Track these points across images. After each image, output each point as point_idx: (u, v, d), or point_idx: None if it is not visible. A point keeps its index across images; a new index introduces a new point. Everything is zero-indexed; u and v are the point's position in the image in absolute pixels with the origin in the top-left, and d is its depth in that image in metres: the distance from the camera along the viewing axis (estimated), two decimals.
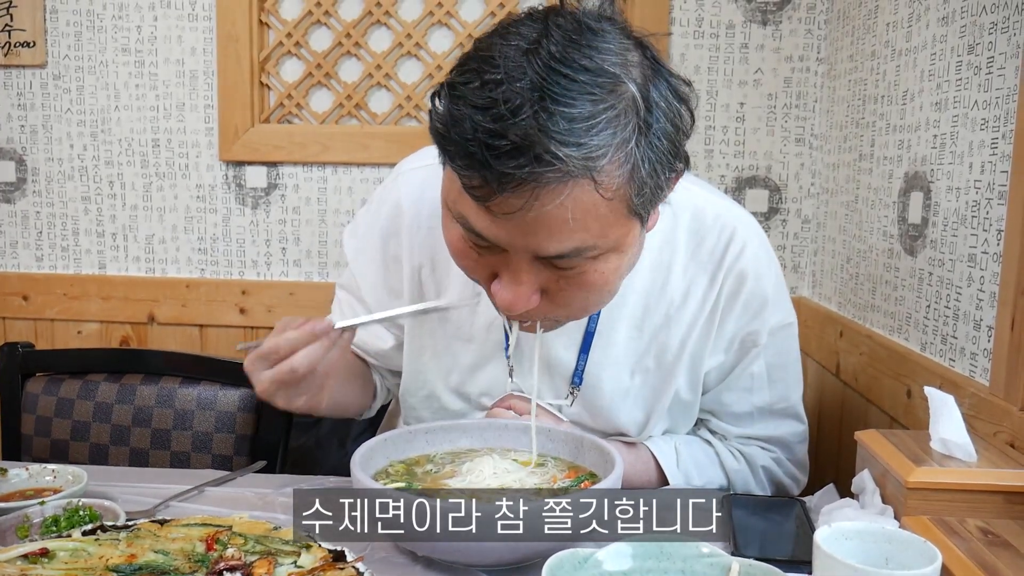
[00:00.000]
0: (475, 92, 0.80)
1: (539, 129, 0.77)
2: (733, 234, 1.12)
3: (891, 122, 1.41)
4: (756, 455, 1.21)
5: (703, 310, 1.13)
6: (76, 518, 0.96)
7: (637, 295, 1.12)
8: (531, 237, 0.84)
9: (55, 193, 2.08)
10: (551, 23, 0.82)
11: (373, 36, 1.96)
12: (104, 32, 2.00)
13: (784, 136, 1.88)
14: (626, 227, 0.88)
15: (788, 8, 1.84)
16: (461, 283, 1.11)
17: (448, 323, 1.19)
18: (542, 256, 0.86)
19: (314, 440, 1.65)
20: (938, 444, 0.96)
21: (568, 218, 0.82)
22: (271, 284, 2.03)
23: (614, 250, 0.89)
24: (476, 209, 0.84)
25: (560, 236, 0.84)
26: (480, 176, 0.80)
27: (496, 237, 0.86)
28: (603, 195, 0.82)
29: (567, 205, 0.81)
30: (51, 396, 1.58)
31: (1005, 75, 1.05)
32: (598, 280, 0.90)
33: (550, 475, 1.02)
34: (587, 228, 0.84)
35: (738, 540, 0.97)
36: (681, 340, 1.13)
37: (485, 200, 0.82)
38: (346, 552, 0.86)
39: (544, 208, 0.81)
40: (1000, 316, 1.04)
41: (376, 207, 1.24)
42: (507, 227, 0.84)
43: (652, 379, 1.15)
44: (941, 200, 1.22)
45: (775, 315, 1.15)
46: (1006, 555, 0.81)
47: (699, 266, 1.12)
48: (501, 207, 0.81)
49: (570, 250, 0.85)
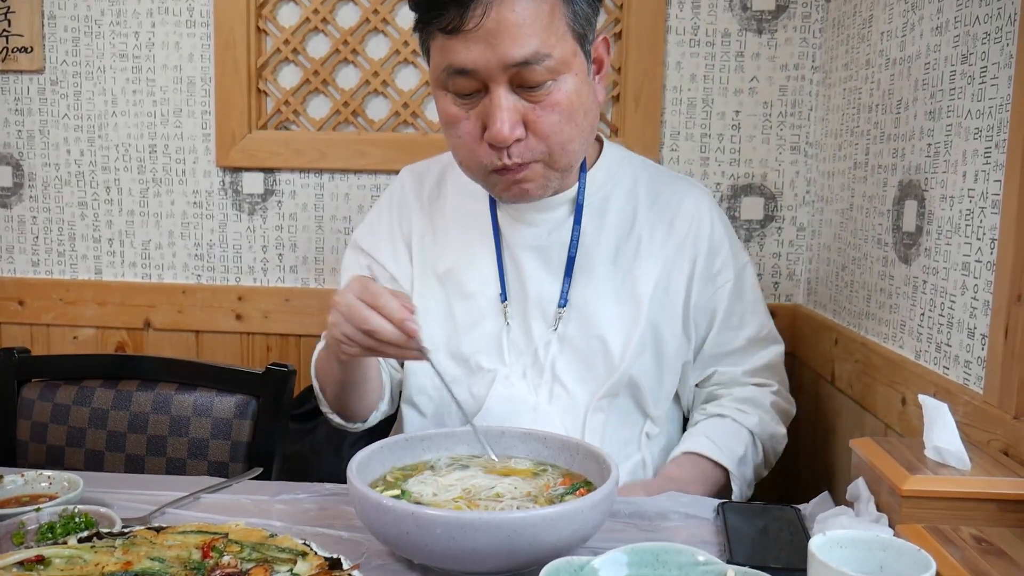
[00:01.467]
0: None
1: None
2: (686, 191, 1.37)
3: (885, 131, 1.42)
4: (760, 397, 1.39)
5: (666, 247, 1.33)
6: (72, 525, 0.96)
7: (609, 234, 1.32)
8: (498, 47, 1.08)
9: (52, 198, 2.08)
10: None
11: (371, 43, 1.96)
12: (102, 38, 2.01)
13: (779, 144, 1.89)
14: (571, 46, 1.13)
15: (783, 17, 1.85)
16: (457, 246, 1.35)
17: (448, 284, 1.34)
18: (509, 63, 1.08)
19: (310, 447, 1.65)
20: (932, 452, 0.96)
21: (521, 22, 1.07)
22: (267, 290, 2.03)
23: (567, 69, 1.12)
24: (453, 45, 1.10)
25: (519, 39, 1.08)
26: (447, 11, 1.07)
27: (474, 60, 1.09)
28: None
29: (518, 10, 1.07)
30: (47, 402, 1.58)
31: (998, 85, 1.06)
32: (563, 101, 1.13)
33: (543, 482, 1.03)
34: (538, 34, 1.08)
35: (733, 548, 0.97)
36: (650, 272, 1.32)
37: (459, 27, 1.08)
38: (342, 560, 0.86)
39: (501, 13, 1.07)
40: (994, 324, 1.05)
41: (384, 202, 1.45)
42: (479, 44, 1.08)
43: (628, 308, 1.31)
44: (935, 208, 1.22)
45: (737, 257, 1.38)
46: (1000, 563, 0.81)
47: (657, 215, 1.34)
48: (470, 23, 1.07)
49: (531, 53, 1.08)
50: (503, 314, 1.32)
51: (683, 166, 1.90)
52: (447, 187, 1.40)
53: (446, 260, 1.35)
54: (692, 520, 1.10)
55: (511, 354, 1.31)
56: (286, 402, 1.52)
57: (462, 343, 1.32)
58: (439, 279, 1.35)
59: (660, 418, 1.35)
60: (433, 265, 1.36)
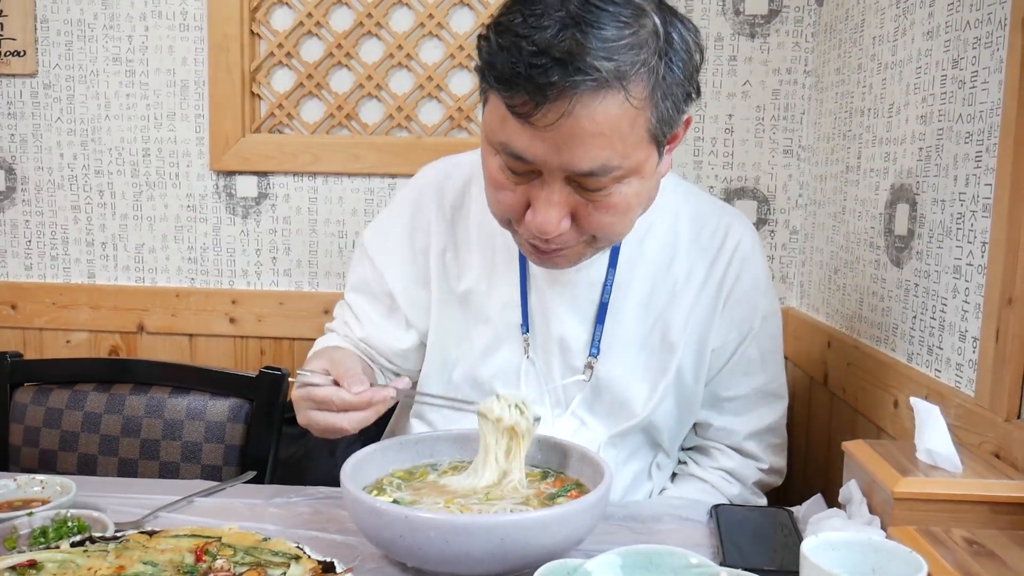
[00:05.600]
0: (519, 25, 0.93)
1: (576, 47, 0.90)
2: (730, 225, 1.26)
3: (877, 134, 1.43)
4: (746, 473, 1.32)
5: (705, 289, 1.24)
6: (64, 529, 0.96)
7: (645, 274, 1.23)
8: (565, 152, 0.95)
9: (44, 202, 2.07)
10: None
11: (364, 47, 1.96)
12: (95, 41, 2.00)
13: (772, 148, 1.89)
14: (646, 151, 1.00)
15: (776, 21, 1.85)
16: (479, 266, 1.25)
17: (468, 306, 1.27)
18: (574, 172, 0.97)
19: (303, 451, 1.65)
20: (924, 454, 0.97)
21: (599, 132, 0.94)
22: (261, 294, 2.03)
23: (635, 173, 1.00)
24: (518, 129, 0.96)
25: (591, 151, 0.95)
26: (524, 91, 0.92)
27: (535, 155, 0.96)
28: (632, 104, 0.94)
29: (598, 119, 0.93)
30: (39, 406, 1.57)
31: (989, 89, 1.07)
32: (621, 203, 1.01)
33: (536, 486, 1.03)
34: (613, 145, 0.95)
35: (726, 550, 0.97)
36: (685, 317, 1.23)
37: (527, 116, 0.93)
38: (335, 563, 0.86)
39: (579, 120, 0.92)
40: (985, 327, 1.05)
41: (399, 205, 1.33)
42: (545, 143, 0.95)
43: (656, 356, 1.24)
44: (927, 212, 1.23)
45: (766, 302, 1.29)
46: (991, 565, 0.82)
47: (700, 250, 1.25)
48: (541, 119, 0.93)
49: (598, 166, 0.96)
50: (523, 345, 1.24)
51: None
52: (472, 196, 1.28)
53: (467, 280, 1.26)
54: (685, 523, 1.10)
55: (528, 386, 1.25)
56: (279, 406, 1.52)
57: (479, 368, 1.26)
58: (459, 299, 1.27)
59: (673, 450, 1.33)
60: (453, 284, 1.27)
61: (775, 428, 1.34)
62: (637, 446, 1.29)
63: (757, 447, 1.32)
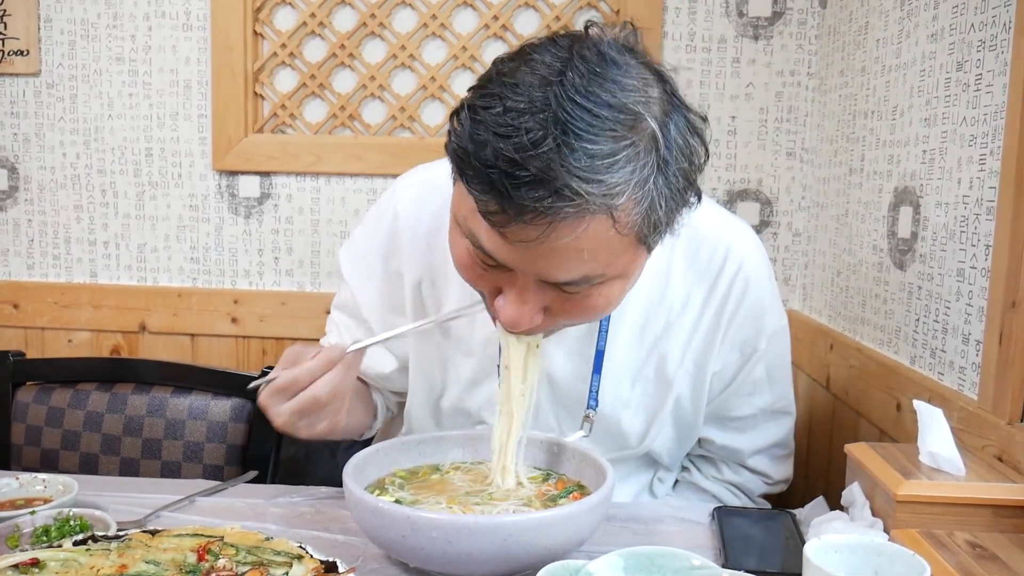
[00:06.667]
0: (497, 118, 0.80)
1: (560, 163, 0.77)
2: (730, 245, 1.15)
3: (881, 137, 1.43)
4: (752, 487, 1.30)
5: (703, 317, 1.16)
6: (67, 528, 0.96)
7: (637, 305, 1.14)
8: (541, 264, 0.85)
9: (47, 201, 2.07)
10: (575, 53, 0.82)
11: (367, 47, 1.96)
12: (98, 41, 2.00)
13: (775, 150, 1.89)
14: (635, 257, 0.90)
15: (779, 23, 1.85)
16: (459, 297, 1.13)
17: (450, 337, 1.19)
18: (550, 281, 0.88)
19: (305, 450, 1.65)
20: (927, 457, 0.97)
21: (581, 249, 0.83)
22: (263, 294, 2.03)
23: (620, 276, 0.91)
24: (488, 231, 0.85)
25: (571, 266, 0.85)
26: (497, 203, 0.81)
27: (506, 260, 0.86)
28: (619, 231, 0.83)
29: (582, 239, 0.82)
30: (41, 405, 1.57)
31: (993, 92, 1.07)
32: (601, 303, 0.92)
33: (537, 488, 1.03)
34: (597, 259, 0.85)
35: (728, 552, 0.97)
36: (682, 348, 1.16)
37: (500, 226, 0.82)
38: (338, 563, 0.86)
39: (559, 240, 0.81)
40: (988, 330, 1.05)
41: (373, 225, 1.23)
42: (518, 253, 0.84)
43: (652, 388, 1.18)
44: (930, 215, 1.23)
45: (772, 321, 1.20)
46: (994, 568, 0.82)
47: (697, 274, 1.15)
48: (516, 235, 0.82)
49: (579, 278, 0.87)
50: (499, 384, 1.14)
51: None
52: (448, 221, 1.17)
53: (447, 309, 1.16)
54: (687, 524, 1.10)
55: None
56: None
57: (466, 401, 1.20)
58: (439, 327, 1.18)
59: (674, 465, 1.32)
60: (432, 315, 1.17)
61: (782, 442, 1.30)
62: (636, 466, 1.28)
63: (763, 462, 1.29)
